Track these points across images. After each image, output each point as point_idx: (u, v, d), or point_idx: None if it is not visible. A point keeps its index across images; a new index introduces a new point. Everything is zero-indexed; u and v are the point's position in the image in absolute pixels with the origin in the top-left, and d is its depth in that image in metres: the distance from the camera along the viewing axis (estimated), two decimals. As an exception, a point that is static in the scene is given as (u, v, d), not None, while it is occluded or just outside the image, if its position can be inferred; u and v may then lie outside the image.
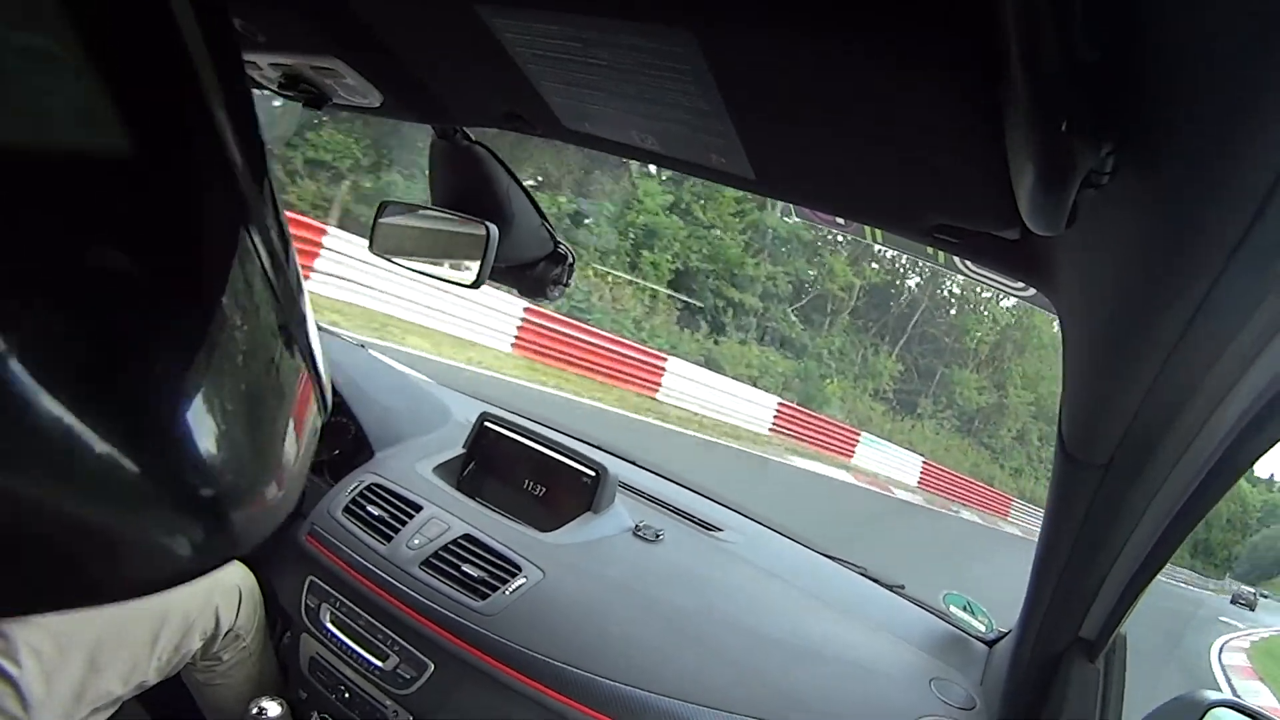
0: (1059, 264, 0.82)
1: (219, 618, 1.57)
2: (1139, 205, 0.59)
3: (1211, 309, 0.60)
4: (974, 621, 1.89)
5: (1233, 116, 0.46)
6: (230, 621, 1.61)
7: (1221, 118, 0.47)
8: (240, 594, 1.64)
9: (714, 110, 0.80)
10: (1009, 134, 0.58)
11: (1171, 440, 0.79)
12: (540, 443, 1.98)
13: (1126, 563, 1.05)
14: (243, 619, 1.64)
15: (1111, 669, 1.32)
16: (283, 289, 0.38)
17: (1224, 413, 0.69)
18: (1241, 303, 0.58)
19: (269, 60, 1.17)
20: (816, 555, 2.20)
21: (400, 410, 2.20)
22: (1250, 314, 0.58)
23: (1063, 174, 0.51)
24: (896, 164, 0.80)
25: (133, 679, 1.43)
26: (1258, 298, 0.56)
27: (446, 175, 1.45)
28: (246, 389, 0.36)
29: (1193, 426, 0.75)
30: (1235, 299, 0.58)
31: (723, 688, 1.48)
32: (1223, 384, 0.66)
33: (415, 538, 1.70)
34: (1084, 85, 0.46)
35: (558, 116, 1.04)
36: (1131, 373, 0.76)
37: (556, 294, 1.56)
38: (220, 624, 1.58)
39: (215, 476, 0.33)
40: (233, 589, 1.62)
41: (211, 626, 1.57)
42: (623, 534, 1.87)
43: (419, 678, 1.55)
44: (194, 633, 1.53)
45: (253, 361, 0.37)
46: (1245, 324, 0.59)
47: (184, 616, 1.50)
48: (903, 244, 1.05)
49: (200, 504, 0.33)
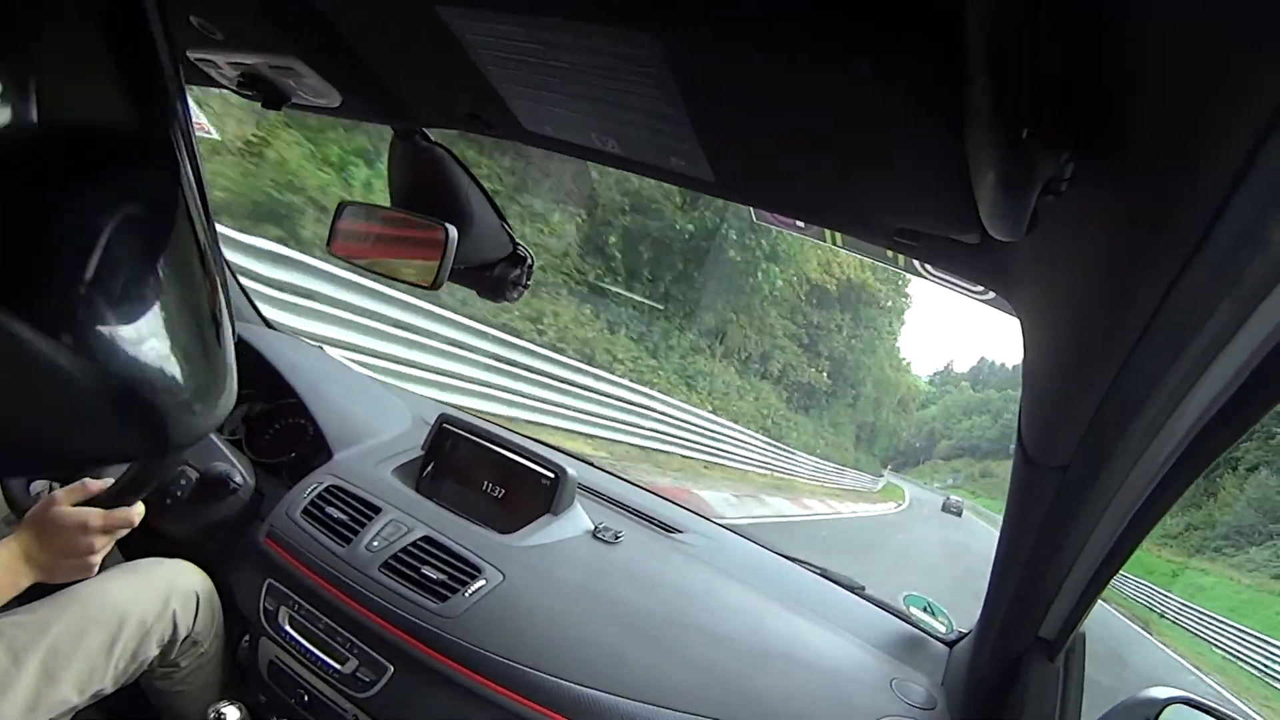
0: (1018, 268, 0.83)
1: (176, 623, 1.55)
2: (1097, 212, 0.60)
3: (1167, 314, 0.61)
4: (934, 622, 1.91)
5: (1188, 127, 0.48)
6: (188, 627, 1.58)
7: (1178, 127, 0.48)
8: (198, 599, 1.61)
9: (675, 114, 0.80)
10: (970, 141, 0.58)
11: (1129, 443, 0.80)
12: (499, 445, 1.98)
13: (1085, 563, 1.06)
14: (200, 624, 1.61)
15: (1071, 668, 1.33)
16: (202, 219, 0.47)
17: (1180, 415, 0.70)
18: (1197, 308, 0.58)
19: (227, 59, 1.15)
20: (776, 556, 2.21)
21: (359, 412, 2.18)
22: (1206, 319, 0.58)
23: (1023, 181, 0.52)
24: (858, 169, 0.81)
25: (89, 688, 1.40)
26: (1213, 303, 0.57)
27: (406, 176, 1.44)
28: (177, 299, 0.45)
29: (1150, 429, 0.76)
30: (1191, 304, 0.58)
31: (683, 689, 1.48)
32: (1179, 388, 0.67)
33: (374, 540, 1.69)
34: (1045, 94, 0.47)
35: (518, 118, 1.03)
36: (1089, 376, 0.77)
37: (515, 295, 1.55)
38: (178, 629, 1.56)
39: (153, 373, 0.45)
40: (190, 594, 1.60)
41: (169, 632, 1.54)
42: (582, 536, 1.88)
43: (379, 681, 1.54)
44: (151, 639, 1.50)
45: (183, 277, 0.49)
46: (1201, 329, 0.59)
47: (140, 622, 1.48)
48: (863, 247, 1.06)
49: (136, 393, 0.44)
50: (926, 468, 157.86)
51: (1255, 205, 0.48)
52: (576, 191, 16.34)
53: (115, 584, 1.50)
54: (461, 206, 1.42)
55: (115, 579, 1.51)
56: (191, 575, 1.63)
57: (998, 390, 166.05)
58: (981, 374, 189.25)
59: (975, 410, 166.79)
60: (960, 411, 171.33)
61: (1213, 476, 40.35)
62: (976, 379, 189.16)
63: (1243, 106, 0.43)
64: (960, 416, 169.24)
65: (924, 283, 1.12)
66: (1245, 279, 0.52)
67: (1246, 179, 0.46)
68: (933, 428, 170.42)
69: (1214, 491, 43.75)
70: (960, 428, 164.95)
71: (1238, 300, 0.54)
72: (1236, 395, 0.61)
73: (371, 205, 1.51)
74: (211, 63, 1.18)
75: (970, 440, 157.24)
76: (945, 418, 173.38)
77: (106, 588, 1.48)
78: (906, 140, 0.70)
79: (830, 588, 2.11)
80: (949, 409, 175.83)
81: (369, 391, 2.39)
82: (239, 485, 1.75)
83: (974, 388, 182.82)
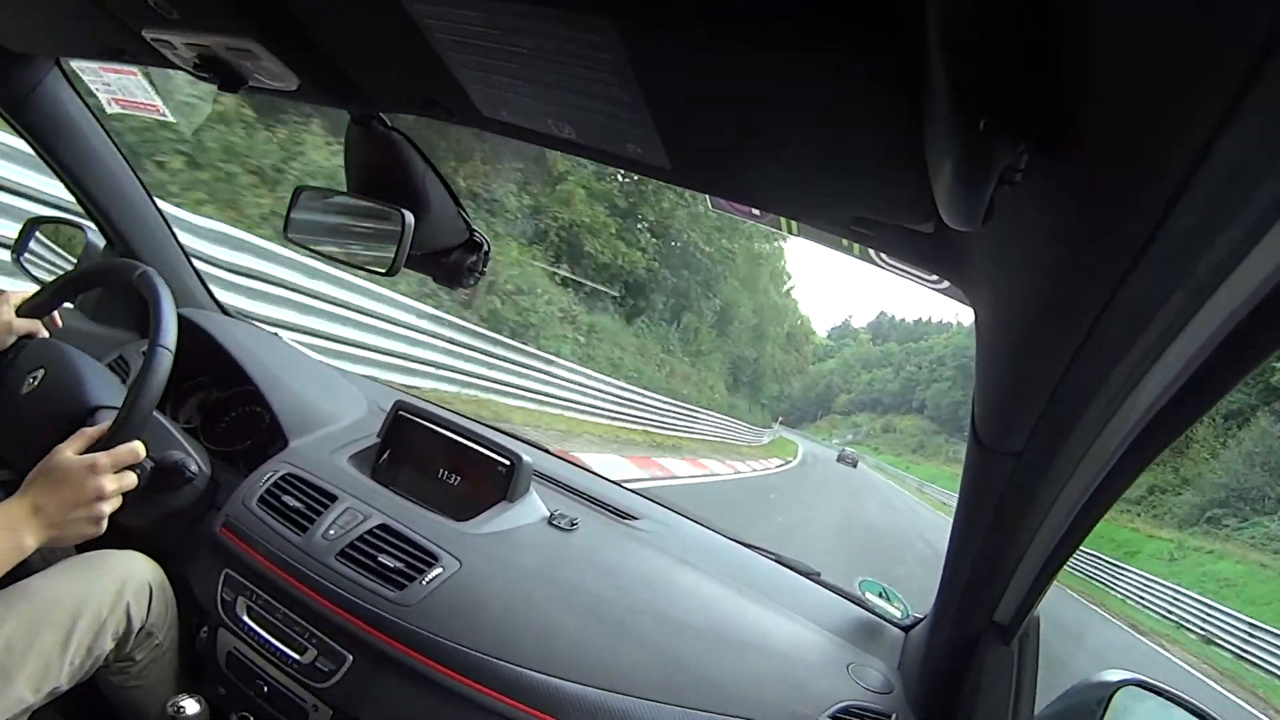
0: (973, 257, 0.84)
1: (130, 615, 1.52)
2: (1052, 202, 0.61)
3: (1120, 304, 0.62)
4: (890, 608, 1.93)
5: (1143, 120, 0.49)
6: (142, 619, 1.56)
7: (1133, 120, 0.49)
8: (150, 589, 1.59)
9: (631, 101, 0.80)
10: (927, 131, 0.59)
11: (1082, 430, 0.82)
12: (455, 431, 1.97)
13: (1039, 549, 1.07)
14: (154, 616, 1.59)
15: (1025, 652, 1.35)
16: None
17: (1133, 403, 0.71)
18: (1149, 298, 0.60)
19: (183, 40, 1.14)
20: (732, 543, 2.22)
21: (314, 398, 2.17)
22: (1157, 310, 0.60)
23: (980, 171, 0.53)
24: (814, 158, 0.82)
25: (44, 685, 1.38)
26: (1164, 294, 0.58)
27: (362, 162, 1.43)
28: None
29: (1102, 417, 0.77)
30: (1143, 295, 0.60)
31: (640, 675, 1.49)
32: (1131, 376, 0.68)
33: (331, 528, 1.67)
34: (1002, 85, 0.48)
35: (475, 104, 1.03)
36: (1042, 364, 0.79)
37: (472, 281, 1.55)
38: (132, 622, 1.53)
39: None
40: (143, 586, 1.57)
41: (124, 625, 1.52)
42: (538, 523, 1.87)
43: (338, 670, 1.52)
44: (106, 633, 1.48)
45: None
46: (1152, 319, 0.61)
47: (95, 616, 1.46)
48: (818, 235, 1.07)
49: None
50: (824, 423, 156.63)
51: (1208, 197, 0.49)
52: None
53: (66, 578, 1.48)
54: (418, 193, 1.42)
55: (66, 573, 1.49)
56: (143, 565, 1.61)
57: (899, 344, 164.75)
58: (882, 329, 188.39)
59: (876, 363, 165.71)
60: (860, 365, 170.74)
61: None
62: (877, 333, 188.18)
63: (1197, 101, 0.45)
64: (860, 370, 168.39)
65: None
66: (1197, 270, 0.54)
67: (1199, 172, 0.47)
68: (830, 381, 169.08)
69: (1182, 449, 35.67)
70: (860, 381, 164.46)
71: (1190, 291, 0.56)
72: (1188, 384, 0.62)
73: (328, 190, 1.50)
74: (167, 43, 1.17)
75: (871, 394, 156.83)
76: (844, 371, 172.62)
77: (57, 582, 1.46)
78: (863, 130, 0.71)
79: (786, 574, 2.12)
80: (848, 362, 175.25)
81: (325, 378, 2.37)
82: (194, 474, 1.72)
83: (874, 341, 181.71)
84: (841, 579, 2.10)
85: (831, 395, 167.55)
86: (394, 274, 1.37)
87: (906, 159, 0.67)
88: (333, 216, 1.48)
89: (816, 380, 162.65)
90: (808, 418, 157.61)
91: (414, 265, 1.47)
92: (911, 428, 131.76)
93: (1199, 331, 0.57)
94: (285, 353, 2.37)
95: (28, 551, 1.29)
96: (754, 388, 56.19)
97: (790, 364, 73.34)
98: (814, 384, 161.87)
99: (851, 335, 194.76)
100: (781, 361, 66.63)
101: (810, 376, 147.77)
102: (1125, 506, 34.91)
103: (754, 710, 1.49)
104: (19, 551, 1.28)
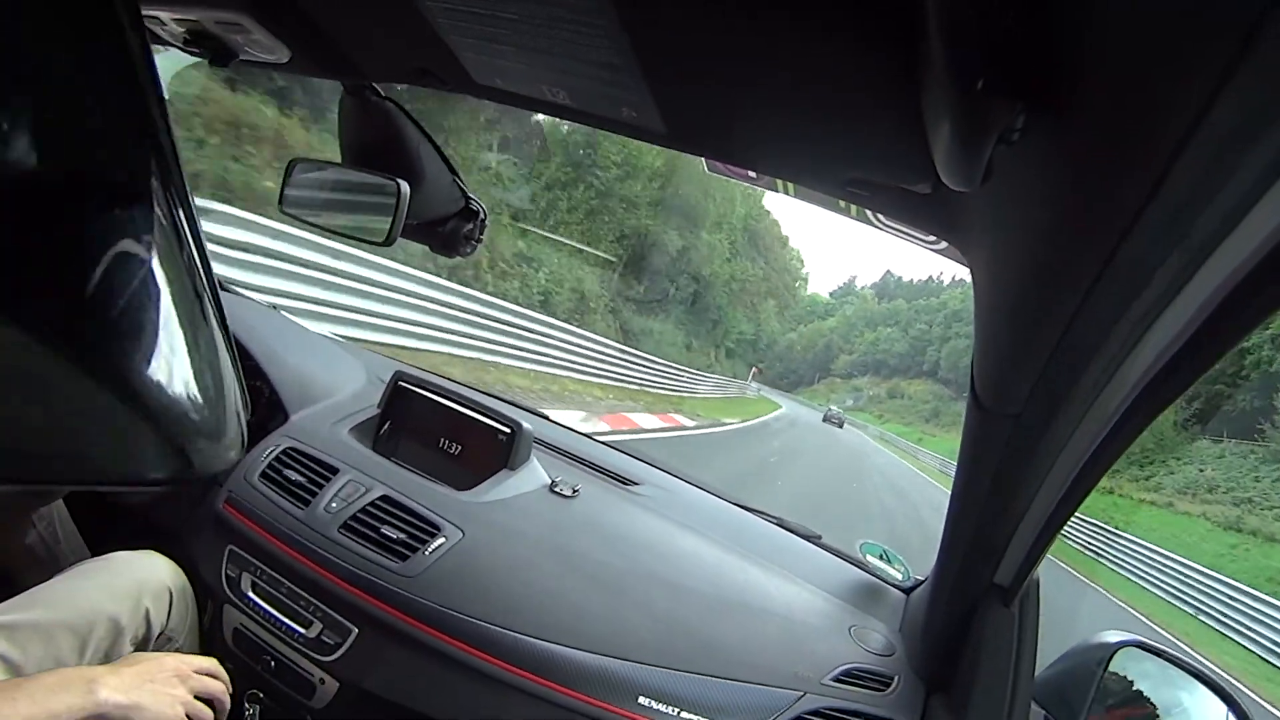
0: (970, 218, 0.84)
1: (149, 621, 1.50)
2: (1050, 163, 0.60)
3: (1118, 265, 0.62)
4: (891, 570, 1.94)
5: (1140, 81, 0.48)
6: (161, 624, 1.54)
7: (1130, 81, 0.49)
8: (171, 595, 1.56)
9: (625, 64, 0.80)
10: (925, 92, 0.59)
11: (1080, 392, 0.82)
12: (455, 401, 1.97)
13: (1038, 510, 1.07)
14: (174, 620, 1.57)
15: (1025, 614, 1.36)
16: (199, 255, 0.58)
17: (1132, 364, 0.71)
18: (1146, 260, 0.59)
19: (173, 15, 1.13)
20: (733, 507, 2.22)
21: (314, 371, 2.16)
22: (1155, 271, 0.59)
23: (978, 131, 0.53)
24: (811, 119, 0.81)
25: None
26: (1162, 255, 0.58)
27: (357, 132, 1.42)
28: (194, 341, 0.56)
29: (1100, 379, 0.77)
30: (1141, 256, 0.59)
31: (643, 641, 1.50)
32: (1129, 338, 0.68)
33: (333, 501, 1.68)
34: (1000, 46, 0.48)
35: (469, 72, 1.03)
36: (1041, 326, 0.78)
37: (468, 250, 1.54)
38: (151, 627, 1.51)
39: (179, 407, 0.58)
40: (162, 589, 1.55)
41: (143, 630, 1.50)
42: (539, 490, 1.88)
43: (343, 643, 1.54)
44: (124, 639, 1.45)
45: (191, 316, 0.62)
46: (1150, 281, 0.61)
47: (112, 623, 1.43)
48: (815, 196, 1.07)
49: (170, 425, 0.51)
50: (822, 387, 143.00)
51: (1206, 159, 0.49)
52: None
53: (83, 583, 1.45)
54: (413, 162, 1.41)
55: (83, 577, 1.46)
56: (162, 569, 1.58)
57: (907, 300, 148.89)
58: (888, 288, 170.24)
59: (881, 321, 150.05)
60: (863, 323, 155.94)
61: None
62: (882, 293, 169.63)
63: (1195, 62, 0.44)
64: (863, 328, 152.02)
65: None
66: (1194, 232, 0.54)
67: (1197, 133, 0.47)
68: (830, 341, 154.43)
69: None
70: (863, 341, 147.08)
71: (1187, 252, 0.56)
72: (1185, 346, 0.62)
73: (323, 162, 1.49)
74: (157, 19, 1.16)
75: (875, 355, 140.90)
76: (845, 329, 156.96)
77: (74, 588, 1.43)
78: (860, 90, 0.71)
79: (787, 537, 2.13)
80: (849, 320, 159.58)
81: (324, 351, 2.37)
82: None
83: (879, 300, 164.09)
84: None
85: (830, 356, 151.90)
86: (390, 244, 1.37)
87: (904, 119, 0.67)
88: (328, 188, 1.47)
89: (814, 339, 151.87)
90: (805, 381, 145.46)
91: (411, 234, 1.47)
92: (922, 393, 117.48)
93: (1196, 294, 0.58)
94: (283, 326, 2.37)
95: (95, 708, 1.16)
96: (705, 321, 46.24)
97: (760, 284, 60.68)
98: (811, 343, 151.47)
99: (856, 295, 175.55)
100: (750, 283, 56.25)
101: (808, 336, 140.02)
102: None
103: (756, 673, 1.50)
104: (89, 699, 1.15)
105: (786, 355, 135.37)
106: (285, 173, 1.48)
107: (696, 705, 1.44)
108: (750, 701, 1.46)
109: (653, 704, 1.43)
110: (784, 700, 1.48)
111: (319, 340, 2.46)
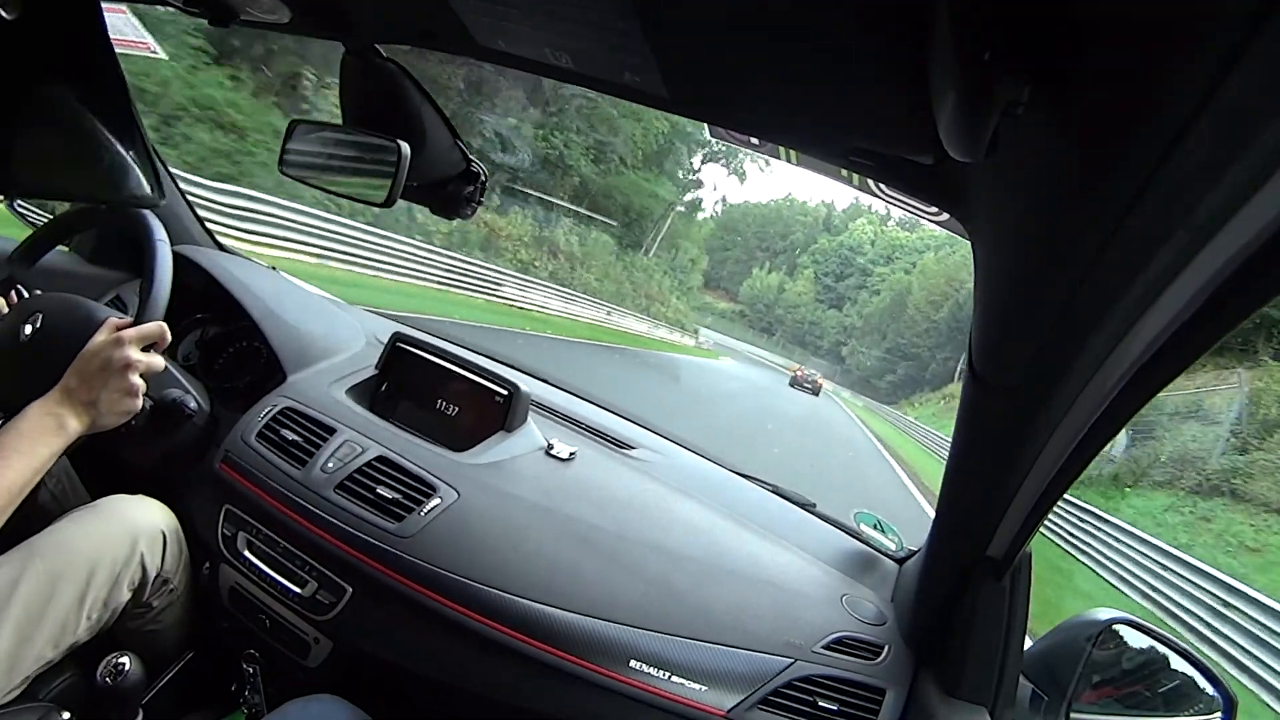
0: (973, 190, 0.83)
1: (145, 565, 1.53)
2: (1055, 135, 0.60)
3: (1121, 241, 0.61)
4: (884, 540, 1.95)
5: (1149, 55, 0.48)
6: (157, 566, 1.57)
7: (1138, 55, 0.48)
8: (164, 536, 1.59)
9: (629, 28, 0.79)
10: (932, 62, 0.58)
11: (1078, 367, 0.81)
12: (453, 362, 1.97)
13: (1033, 484, 1.07)
14: (169, 562, 1.60)
15: (1017, 586, 1.37)
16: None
17: (1131, 341, 0.71)
18: (1150, 236, 0.59)
19: None
20: (729, 473, 2.23)
21: (312, 332, 2.16)
22: (1158, 248, 0.59)
23: (984, 104, 0.53)
24: (815, 87, 0.80)
25: (64, 641, 1.39)
26: (1166, 232, 0.57)
27: (358, 93, 1.41)
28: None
29: (1099, 355, 0.77)
30: (1143, 233, 0.59)
31: (638, 605, 1.51)
32: (1130, 314, 0.68)
33: (330, 461, 1.68)
34: (1007, 17, 0.47)
35: (472, 33, 1.02)
36: (1041, 299, 0.78)
37: (469, 212, 1.53)
38: (147, 571, 1.54)
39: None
40: (156, 533, 1.58)
41: (139, 575, 1.53)
42: (536, 453, 1.88)
43: (338, 603, 1.55)
44: (122, 584, 1.49)
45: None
46: (1153, 257, 0.60)
47: (110, 569, 1.46)
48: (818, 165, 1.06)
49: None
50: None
51: (1213, 138, 0.48)
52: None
53: (78, 530, 1.47)
54: (415, 124, 1.40)
55: (77, 524, 1.48)
56: (155, 512, 1.61)
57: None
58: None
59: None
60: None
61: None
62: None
63: (1204, 37, 0.44)
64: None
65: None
66: (1198, 211, 0.53)
67: (1204, 111, 0.47)
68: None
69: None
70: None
71: (1190, 230, 0.55)
72: (1185, 325, 0.62)
73: (323, 123, 1.48)
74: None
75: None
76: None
77: (70, 535, 1.45)
78: (865, 59, 0.70)
79: (782, 504, 2.13)
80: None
81: (323, 311, 2.36)
82: (194, 411, 1.73)
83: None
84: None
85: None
86: (390, 205, 1.36)
87: (908, 89, 0.66)
88: (328, 149, 1.46)
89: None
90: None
91: (411, 196, 1.46)
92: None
93: (1199, 273, 0.57)
94: (282, 286, 2.36)
95: (72, 436, 1.30)
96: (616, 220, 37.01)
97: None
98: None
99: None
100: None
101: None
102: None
103: (748, 640, 1.51)
104: (64, 435, 1.29)
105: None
106: (285, 134, 1.47)
107: (687, 670, 1.45)
108: (741, 667, 1.48)
109: (644, 667, 1.44)
110: (775, 666, 1.49)
111: (318, 301, 2.45)
